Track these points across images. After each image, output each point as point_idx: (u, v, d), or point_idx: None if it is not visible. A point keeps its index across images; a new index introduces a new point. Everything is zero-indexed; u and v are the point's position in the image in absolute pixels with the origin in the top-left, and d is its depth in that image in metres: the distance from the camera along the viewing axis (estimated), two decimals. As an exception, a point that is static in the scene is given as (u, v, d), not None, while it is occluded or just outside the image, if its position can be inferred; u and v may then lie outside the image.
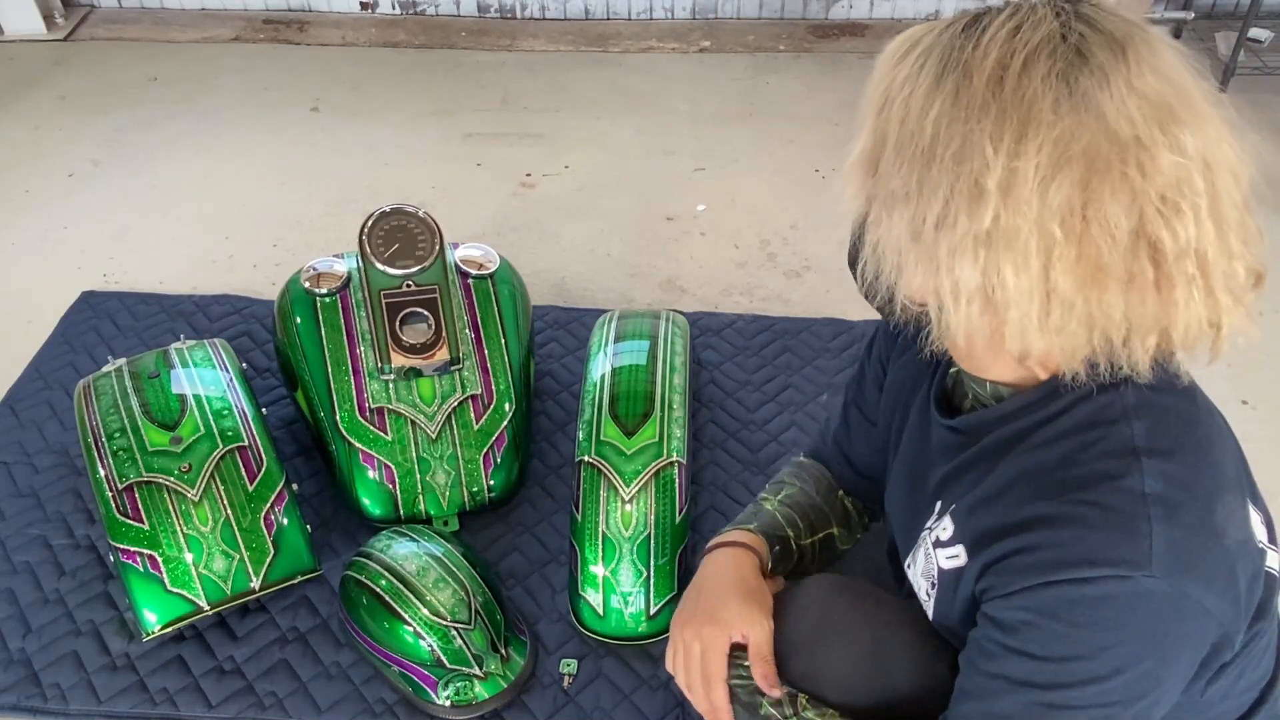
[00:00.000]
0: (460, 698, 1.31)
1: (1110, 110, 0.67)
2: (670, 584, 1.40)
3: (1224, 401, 1.83)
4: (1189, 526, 0.71)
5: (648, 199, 2.37)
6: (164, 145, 2.57)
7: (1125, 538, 0.70)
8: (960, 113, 0.68)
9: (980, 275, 0.69)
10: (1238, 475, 0.78)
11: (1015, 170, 0.67)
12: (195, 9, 3.16)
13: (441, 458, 1.52)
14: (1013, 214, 0.67)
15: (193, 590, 1.37)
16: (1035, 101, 0.66)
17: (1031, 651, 0.74)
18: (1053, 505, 0.74)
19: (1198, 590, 0.71)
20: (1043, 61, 0.67)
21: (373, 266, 1.55)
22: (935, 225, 0.70)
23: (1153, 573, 0.69)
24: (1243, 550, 0.74)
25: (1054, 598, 0.72)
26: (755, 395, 1.81)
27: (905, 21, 3.06)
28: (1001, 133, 0.67)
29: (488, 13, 3.13)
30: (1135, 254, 0.68)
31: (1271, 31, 2.81)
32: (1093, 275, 0.68)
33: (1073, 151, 0.66)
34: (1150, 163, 0.67)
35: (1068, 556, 0.72)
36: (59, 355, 1.90)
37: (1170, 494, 0.71)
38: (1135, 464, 0.72)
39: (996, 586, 0.77)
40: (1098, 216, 0.67)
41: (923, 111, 0.70)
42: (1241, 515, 0.75)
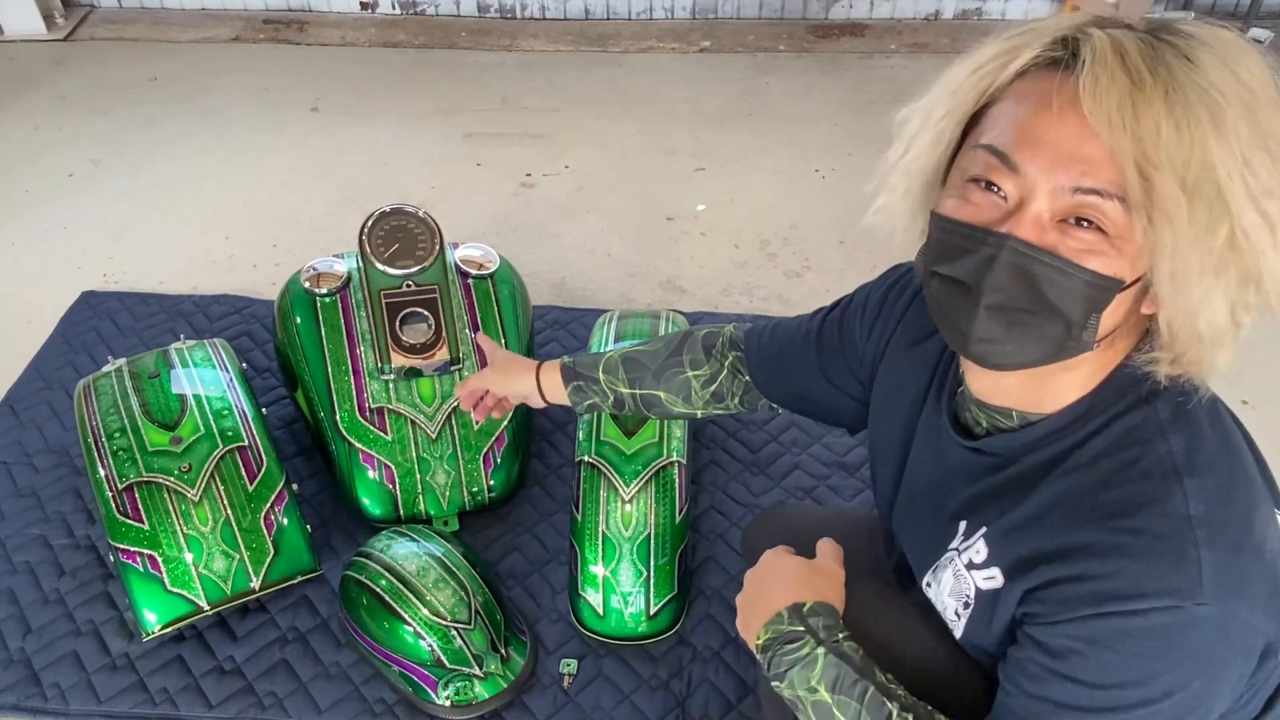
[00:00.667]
0: (460, 698, 1.31)
1: None
2: (670, 584, 1.40)
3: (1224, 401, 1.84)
4: (1234, 547, 0.71)
5: (648, 199, 2.37)
6: (164, 145, 2.57)
7: (1175, 566, 0.70)
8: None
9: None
10: (1265, 483, 0.77)
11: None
12: (195, 9, 3.16)
13: (441, 458, 1.52)
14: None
15: (193, 590, 1.37)
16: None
17: (1080, 678, 0.74)
18: (1098, 532, 0.73)
19: (1244, 609, 0.71)
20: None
21: (373, 266, 1.55)
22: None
23: (1204, 600, 0.69)
24: (1278, 560, 0.74)
25: (1105, 629, 0.72)
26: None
27: (905, 21, 3.06)
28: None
29: (488, 13, 3.13)
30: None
31: (1271, 31, 2.81)
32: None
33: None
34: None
35: (1119, 589, 0.71)
36: (59, 355, 1.90)
37: (1213, 514, 0.71)
38: (1177, 485, 0.72)
39: (1043, 614, 0.76)
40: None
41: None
42: (1273, 522, 0.75)
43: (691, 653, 1.41)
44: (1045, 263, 0.70)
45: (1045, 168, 0.69)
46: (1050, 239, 0.70)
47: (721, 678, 1.38)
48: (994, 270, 0.71)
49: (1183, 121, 0.66)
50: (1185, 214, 0.66)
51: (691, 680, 1.37)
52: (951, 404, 0.91)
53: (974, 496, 0.86)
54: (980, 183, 0.73)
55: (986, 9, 3.03)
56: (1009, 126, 0.72)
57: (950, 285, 0.75)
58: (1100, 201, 0.68)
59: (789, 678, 0.89)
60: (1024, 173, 0.70)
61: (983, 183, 0.73)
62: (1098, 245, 0.69)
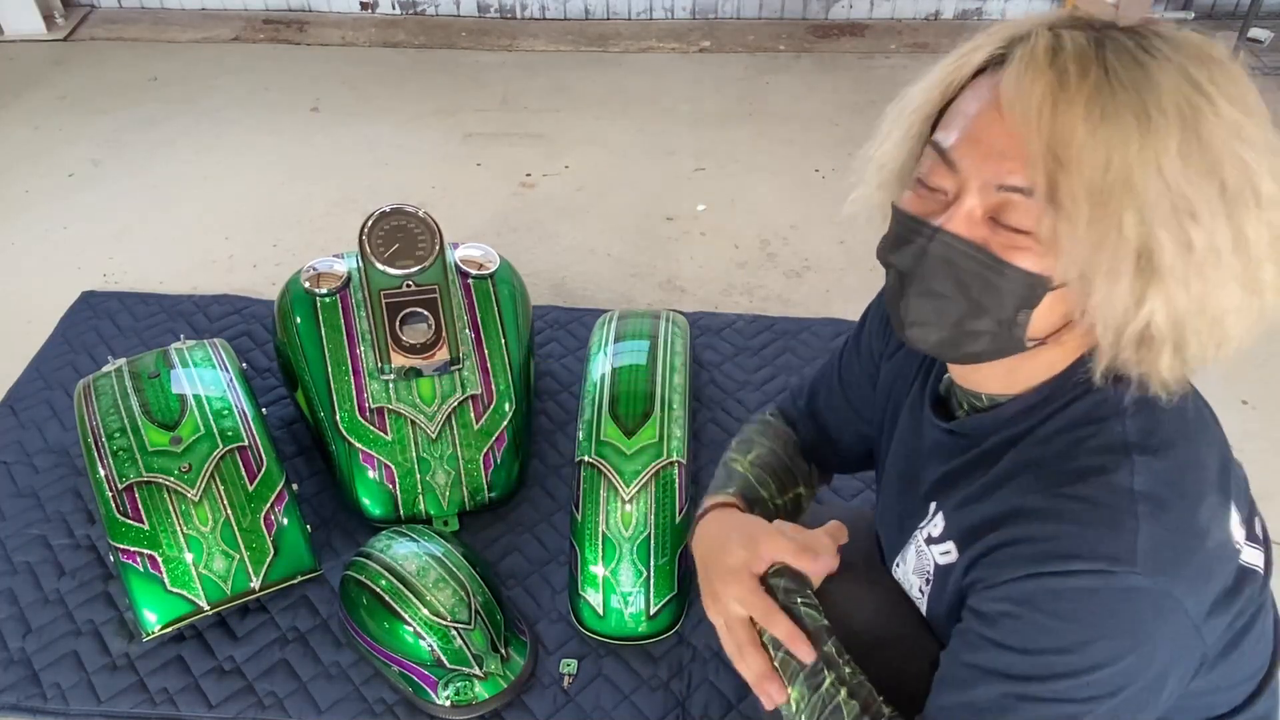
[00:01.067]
0: (460, 698, 1.31)
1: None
2: (670, 584, 1.40)
3: (1224, 401, 1.83)
4: (1175, 526, 0.71)
5: (648, 199, 2.37)
6: (164, 145, 2.57)
7: (1111, 533, 0.70)
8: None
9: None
10: (1222, 475, 0.77)
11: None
12: (195, 9, 3.16)
13: (441, 458, 1.52)
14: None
15: (193, 590, 1.37)
16: (1262, 125, 0.69)
17: (1010, 644, 0.74)
18: (1041, 498, 0.74)
19: (1179, 590, 0.71)
20: (1248, 91, 0.70)
21: (373, 266, 1.55)
22: (1233, 246, 0.69)
23: (1137, 569, 0.69)
24: (1221, 552, 0.74)
25: (1036, 589, 0.73)
26: (755, 395, 1.81)
27: (905, 21, 3.06)
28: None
29: (488, 13, 3.13)
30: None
31: (1271, 31, 2.81)
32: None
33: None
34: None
35: (1052, 549, 0.72)
36: (59, 355, 1.90)
37: (1158, 491, 0.71)
38: (1126, 460, 0.72)
39: (983, 579, 0.77)
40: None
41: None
42: (1223, 516, 0.75)
43: (691, 653, 1.41)
44: (972, 256, 0.72)
45: (976, 164, 0.71)
46: (981, 234, 0.72)
47: (721, 678, 1.38)
48: (924, 260, 0.74)
49: (1102, 125, 0.66)
50: (1085, 217, 0.67)
51: (691, 680, 1.37)
52: (935, 388, 0.93)
53: (942, 476, 0.87)
54: (927, 178, 0.76)
55: (986, 9, 3.03)
56: (954, 124, 0.74)
57: (893, 274, 0.79)
58: (1021, 199, 0.69)
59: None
60: (960, 169, 0.73)
61: (929, 178, 0.76)
62: (1026, 243, 0.71)
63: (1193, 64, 0.68)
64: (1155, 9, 2.89)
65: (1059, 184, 0.67)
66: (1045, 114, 0.67)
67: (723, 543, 0.98)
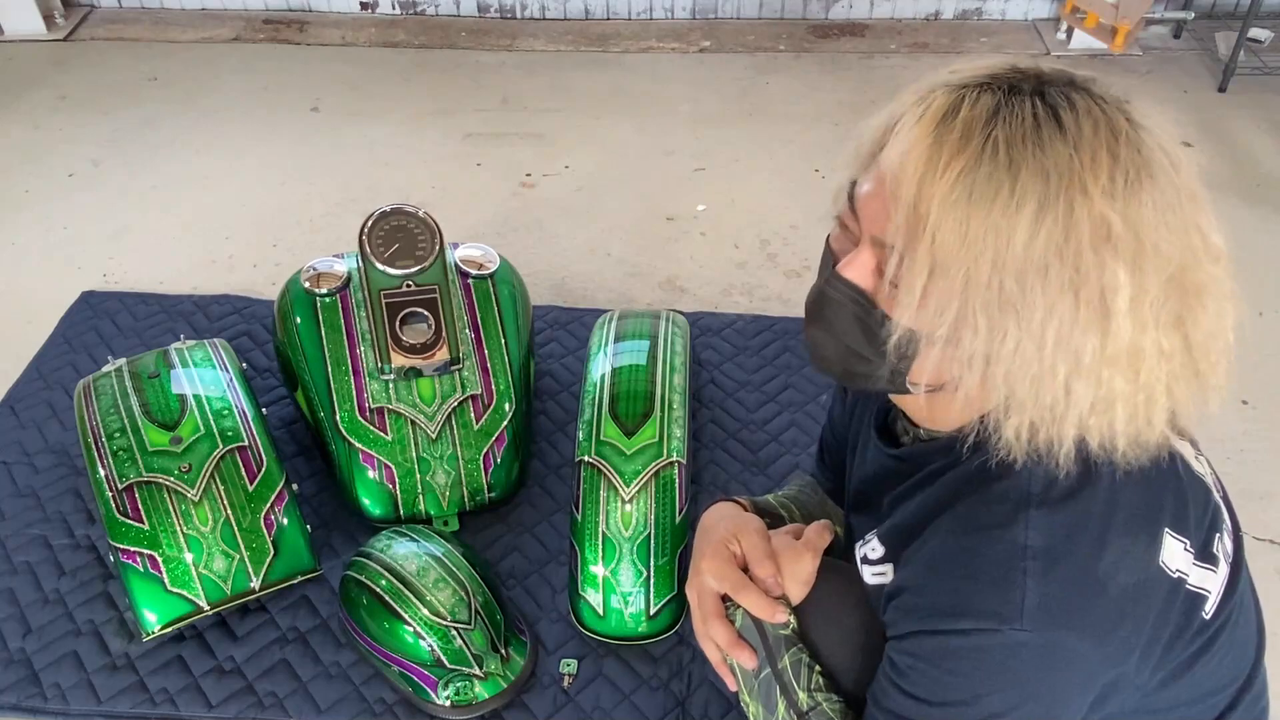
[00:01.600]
0: (460, 698, 1.31)
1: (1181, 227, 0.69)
2: (670, 584, 1.40)
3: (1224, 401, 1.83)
4: (1066, 580, 0.72)
5: (648, 199, 2.37)
6: (164, 145, 2.57)
7: (997, 590, 0.72)
8: (1076, 240, 0.67)
9: (1091, 386, 0.69)
10: (1152, 511, 0.76)
11: (1140, 292, 0.68)
12: (195, 9, 3.16)
13: (441, 458, 1.52)
14: (1136, 334, 0.68)
15: (193, 590, 1.37)
16: (1144, 226, 0.67)
17: (916, 693, 0.77)
18: (948, 544, 0.77)
19: (1071, 640, 0.72)
20: (1146, 182, 0.68)
21: (373, 266, 1.55)
22: (1055, 343, 0.68)
23: (1022, 626, 0.71)
24: (1137, 593, 0.74)
25: (932, 646, 0.76)
26: (755, 395, 1.81)
27: (905, 21, 3.06)
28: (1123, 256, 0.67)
29: (488, 13, 3.13)
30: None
31: (1271, 31, 2.81)
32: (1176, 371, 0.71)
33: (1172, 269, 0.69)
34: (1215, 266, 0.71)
35: (943, 607, 0.75)
36: (59, 355, 1.90)
37: (1051, 545, 0.72)
38: (1023, 514, 0.73)
39: (891, 624, 0.81)
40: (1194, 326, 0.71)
41: (1029, 237, 0.67)
42: (1140, 555, 0.74)
43: (691, 653, 1.41)
44: (856, 301, 0.75)
45: (866, 219, 0.74)
46: (871, 283, 0.75)
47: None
48: (821, 297, 0.78)
49: (960, 198, 0.66)
50: (922, 284, 0.69)
51: (691, 680, 1.37)
52: (881, 414, 0.95)
53: (890, 500, 0.89)
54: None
55: (986, 9, 3.03)
56: (871, 172, 0.76)
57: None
58: (884, 253, 0.72)
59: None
60: (859, 217, 0.76)
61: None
62: (904, 298, 0.71)
63: (1096, 141, 0.67)
64: (1155, 9, 2.89)
65: (913, 246, 0.69)
66: (909, 176, 0.68)
67: (714, 524, 1.02)
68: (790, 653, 0.92)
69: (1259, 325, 1.98)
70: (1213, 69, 2.77)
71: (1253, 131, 2.55)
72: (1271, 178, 2.40)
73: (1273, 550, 1.56)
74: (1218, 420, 1.76)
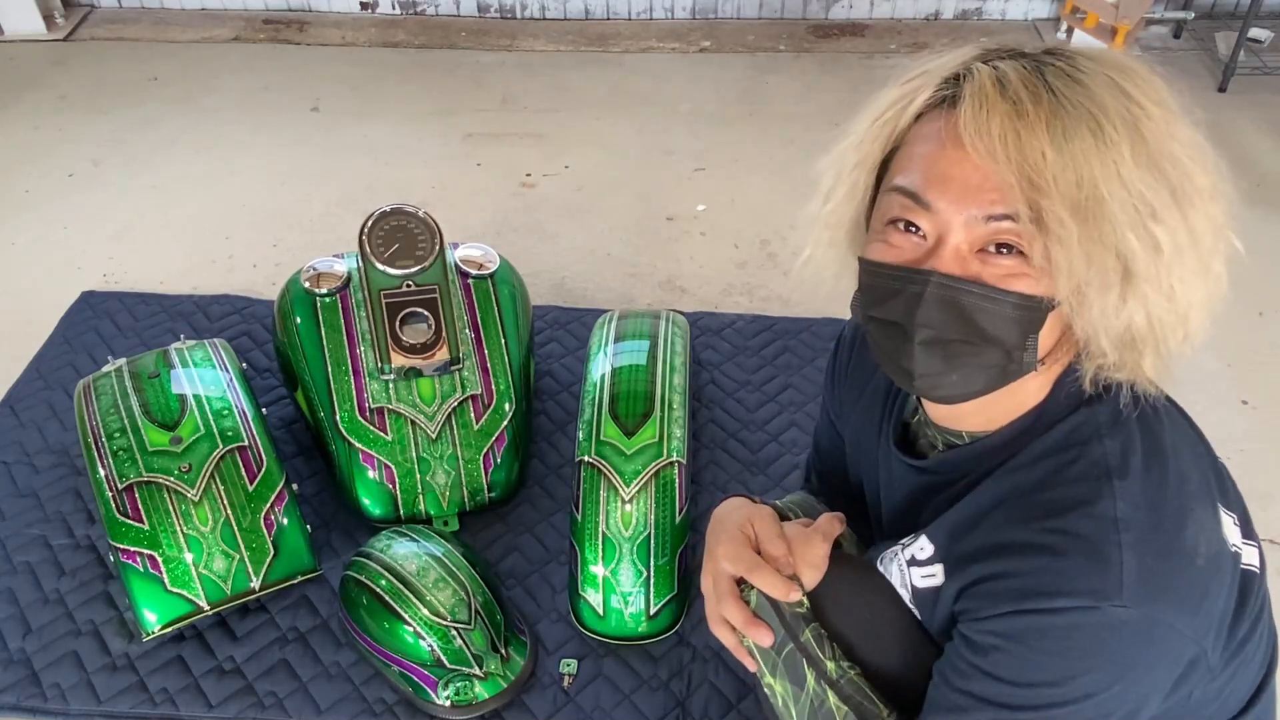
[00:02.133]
0: (460, 698, 1.31)
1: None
2: (670, 584, 1.40)
3: (1224, 402, 1.84)
4: (1160, 550, 0.71)
5: (648, 199, 2.37)
6: (164, 145, 2.57)
7: (1095, 566, 0.71)
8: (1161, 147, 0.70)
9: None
10: (1207, 483, 0.78)
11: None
12: (195, 9, 3.16)
13: (441, 458, 1.52)
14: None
15: (193, 590, 1.37)
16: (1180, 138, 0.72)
17: (1000, 675, 0.75)
18: (1027, 531, 0.75)
19: (1169, 614, 0.71)
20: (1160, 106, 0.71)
21: (373, 266, 1.55)
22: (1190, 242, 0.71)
23: (1123, 602, 0.70)
24: (1216, 564, 0.74)
25: (1024, 626, 0.73)
26: (755, 395, 1.81)
27: (905, 21, 3.06)
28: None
29: (488, 13, 3.13)
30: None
31: (1271, 31, 2.81)
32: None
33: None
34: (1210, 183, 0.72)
35: (1038, 585, 0.73)
36: (59, 355, 1.90)
37: (1141, 517, 0.72)
38: (1108, 487, 0.73)
39: (971, 610, 0.78)
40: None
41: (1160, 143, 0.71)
42: (1213, 526, 0.75)
43: (691, 653, 1.41)
44: (972, 292, 0.72)
45: (955, 201, 0.72)
46: (973, 269, 0.73)
47: (721, 678, 1.38)
48: (922, 307, 0.74)
49: (1065, 144, 0.68)
50: (1075, 236, 0.68)
51: (691, 680, 1.37)
52: (897, 431, 0.94)
53: (929, 507, 0.89)
54: (899, 224, 0.76)
55: (986, 9, 3.03)
56: (915, 168, 0.74)
57: (886, 327, 0.78)
58: (1013, 225, 0.70)
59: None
60: (936, 209, 0.73)
61: (901, 223, 0.75)
62: (1019, 268, 0.71)
63: (1118, 75, 0.70)
64: (1155, 9, 2.89)
65: (1041, 208, 0.68)
66: (1011, 144, 0.68)
67: (727, 513, 1.01)
68: (811, 628, 0.91)
69: (1259, 325, 1.98)
70: (1213, 69, 2.77)
71: (1253, 131, 2.55)
72: (1271, 178, 2.40)
73: (1273, 550, 1.56)
74: (1218, 420, 1.76)
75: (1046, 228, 0.68)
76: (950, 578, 0.81)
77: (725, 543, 0.97)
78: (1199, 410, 0.88)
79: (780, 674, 0.92)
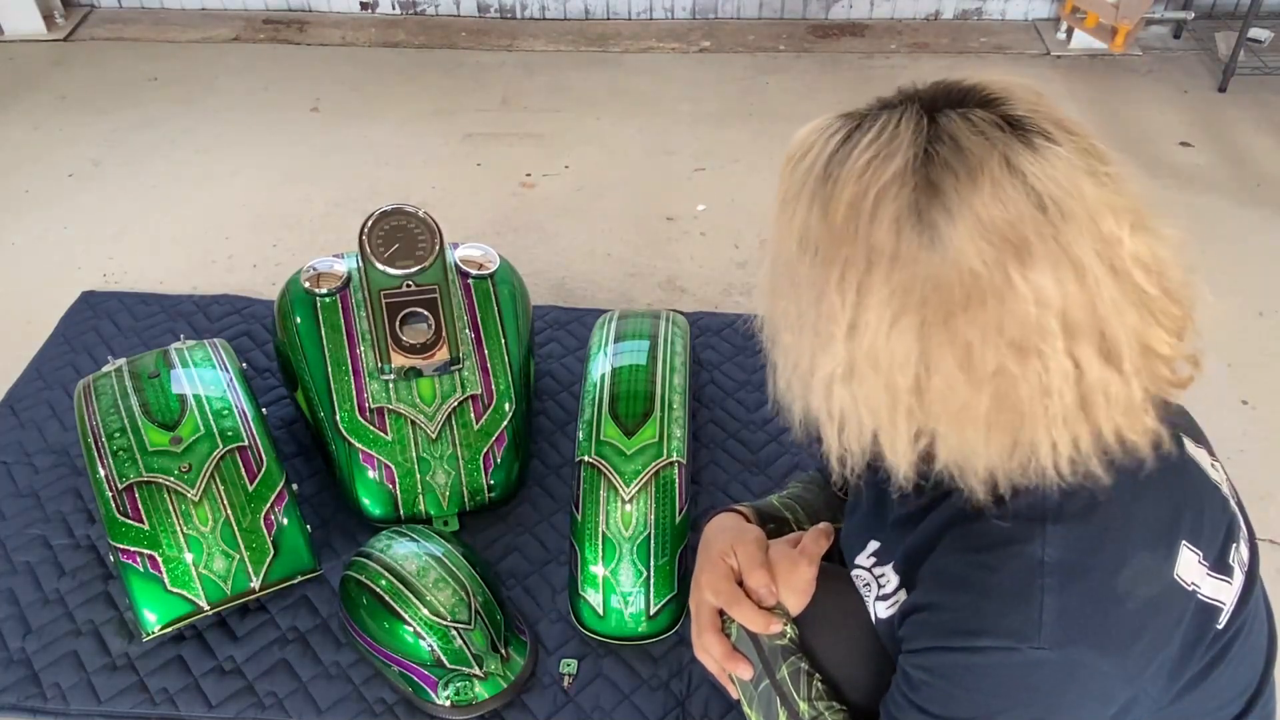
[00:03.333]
0: (460, 698, 1.31)
1: (954, 249, 0.64)
2: (670, 584, 1.40)
3: (1224, 401, 1.84)
4: (1085, 594, 0.71)
5: (648, 199, 2.37)
6: (164, 145, 2.57)
7: (1016, 608, 0.71)
8: (819, 254, 0.69)
9: (851, 407, 0.71)
10: (1169, 522, 0.76)
11: (859, 319, 0.67)
12: (195, 9, 3.16)
13: (441, 458, 1.52)
14: (863, 362, 0.68)
15: (193, 590, 1.37)
16: (881, 246, 0.66)
17: (928, 709, 0.77)
18: (958, 564, 0.76)
19: (1091, 656, 0.71)
20: (891, 200, 0.65)
21: (373, 266, 1.55)
22: (810, 365, 0.72)
23: (1041, 644, 0.70)
24: (1155, 606, 0.73)
25: (949, 662, 0.75)
26: (755, 395, 1.81)
27: (905, 21, 3.06)
28: (848, 279, 0.67)
29: (488, 13, 3.13)
30: (992, 397, 0.67)
31: (1271, 31, 2.81)
32: (955, 416, 0.68)
33: (912, 299, 0.66)
34: (997, 304, 0.64)
35: (961, 624, 0.74)
36: (59, 355, 1.90)
37: (1070, 560, 0.71)
38: (1040, 530, 0.72)
39: (907, 638, 0.80)
40: (939, 366, 0.67)
41: (799, 243, 0.70)
42: (1157, 569, 0.74)
43: (691, 653, 1.40)
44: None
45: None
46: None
47: (721, 678, 1.38)
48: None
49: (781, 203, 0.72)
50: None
51: (691, 680, 1.37)
52: None
53: (894, 520, 0.89)
54: None
55: (986, 9, 3.03)
56: None
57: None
58: None
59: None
60: None
61: None
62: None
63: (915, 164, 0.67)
64: (1155, 9, 2.89)
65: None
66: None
67: (713, 536, 1.02)
68: (789, 662, 0.92)
69: (1259, 325, 1.98)
70: (1213, 69, 2.77)
71: (1252, 131, 2.55)
72: (1271, 178, 2.40)
73: (1273, 550, 1.56)
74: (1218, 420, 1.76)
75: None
76: (905, 601, 0.83)
77: (708, 571, 0.98)
78: (1199, 410, 0.88)
79: (757, 707, 0.93)
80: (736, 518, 1.07)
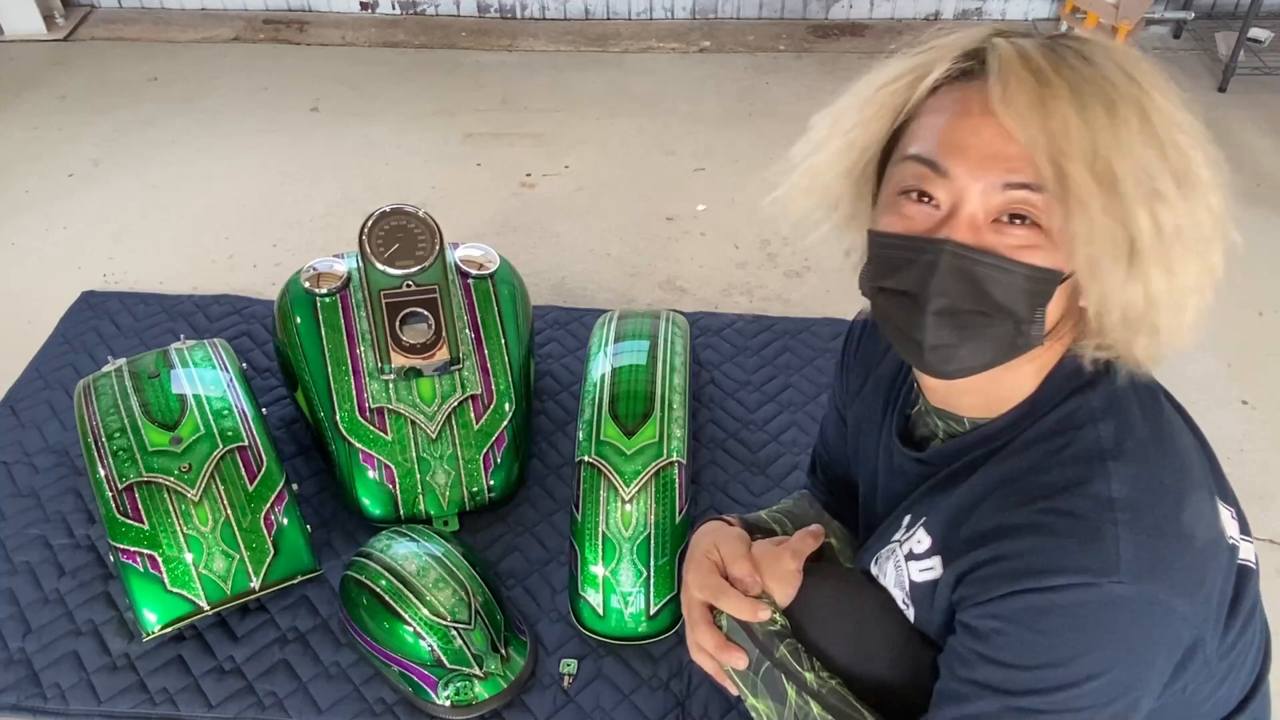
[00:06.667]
0: (460, 698, 1.31)
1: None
2: (670, 584, 1.40)
3: (1224, 401, 1.84)
4: (1156, 530, 0.71)
5: (648, 199, 2.37)
6: (164, 145, 2.57)
7: (1092, 545, 0.71)
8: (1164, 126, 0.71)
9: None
10: (1204, 472, 0.78)
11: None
12: (195, 9, 3.16)
13: (441, 458, 1.52)
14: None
15: (193, 590, 1.37)
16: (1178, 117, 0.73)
17: (1004, 659, 0.75)
18: (1021, 514, 0.74)
19: (1167, 594, 0.71)
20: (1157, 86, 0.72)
21: (373, 266, 1.55)
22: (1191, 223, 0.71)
23: (1120, 578, 0.70)
24: (1213, 549, 0.74)
25: (1023, 606, 0.73)
26: (755, 395, 1.81)
27: (905, 21, 3.06)
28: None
29: (488, 13, 3.13)
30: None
31: (1271, 31, 2.81)
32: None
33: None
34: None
35: (1035, 565, 0.72)
36: (59, 355, 1.90)
37: (1137, 497, 0.72)
38: (1101, 468, 0.73)
39: (970, 596, 0.78)
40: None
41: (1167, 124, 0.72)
42: (1210, 513, 0.75)
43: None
44: (985, 262, 0.72)
45: (973, 169, 0.71)
46: (988, 239, 0.72)
47: (721, 678, 1.38)
48: (936, 276, 0.73)
49: (1085, 114, 0.68)
50: (1098, 202, 0.68)
51: (691, 680, 1.37)
52: (901, 420, 0.94)
53: (921, 495, 0.89)
54: (912, 194, 0.75)
55: (986, 9, 3.03)
56: (932, 137, 0.74)
57: (896, 298, 0.77)
58: (1030, 195, 0.70)
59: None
60: (953, 176, 0.72)
61: (914, 193, 0.75)
62: (1033, 239, 0.71)
63: (1125, 61, 0.71)
64: (1155, 9, 2.89)
65: (1067, 175, 0.68)
66: (1039, 110, 0.68)
67: (697, 540, 1.02)
68: (786, 643, 0.91)
69: (1259, 325, 1.98)
70: (1213, 69, 2.77)
71: (1253, 131, 2.55)
72: (1271, 178, 2.40)
73: (1273, 550, 1.56)
74: (1218, 420, 1.76)
75: (1068, 195, 0.68)
76: (948, 568, 0.81)
77: (693, 570, 0.98)
78: (1199, 410, 0.88)
79: (761, 693, 0.93)
80: (719, 523, 1.07)
